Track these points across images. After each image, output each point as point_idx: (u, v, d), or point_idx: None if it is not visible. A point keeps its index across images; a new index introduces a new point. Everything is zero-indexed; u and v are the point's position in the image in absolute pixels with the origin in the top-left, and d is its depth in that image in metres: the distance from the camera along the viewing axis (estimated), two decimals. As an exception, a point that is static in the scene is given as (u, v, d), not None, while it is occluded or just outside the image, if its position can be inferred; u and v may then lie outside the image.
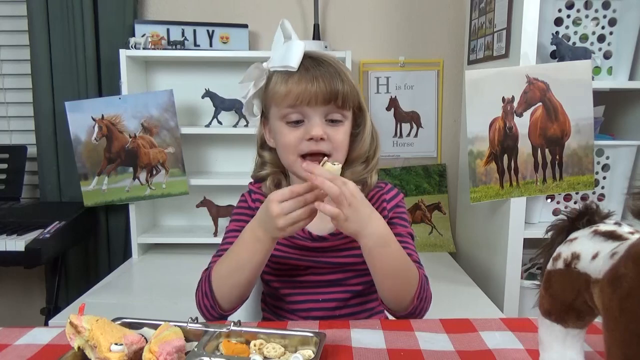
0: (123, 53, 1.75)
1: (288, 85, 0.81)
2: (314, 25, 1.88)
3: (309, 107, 0.81)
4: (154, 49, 1.79)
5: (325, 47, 1.83)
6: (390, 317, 0.86)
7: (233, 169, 2.03)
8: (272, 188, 0.90)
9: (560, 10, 1.56)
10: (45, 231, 1.64)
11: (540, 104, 1.44)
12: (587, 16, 1.56)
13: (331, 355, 0.62)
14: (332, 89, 0.81)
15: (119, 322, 0.66)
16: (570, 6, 1.56)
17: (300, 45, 0.83)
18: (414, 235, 0.95)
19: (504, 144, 1.46)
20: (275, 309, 0.95)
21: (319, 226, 0.88)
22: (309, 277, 0.91)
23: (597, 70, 1.60)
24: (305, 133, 0.82)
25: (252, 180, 0.98)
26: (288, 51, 0.82)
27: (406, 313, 0.81)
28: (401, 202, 0.96)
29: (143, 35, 1.78)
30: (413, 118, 2.06)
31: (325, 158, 0.79)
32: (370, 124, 0.91)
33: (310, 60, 0.83)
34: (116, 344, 0.57)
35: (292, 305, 0.92)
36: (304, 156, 0.83)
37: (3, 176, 1.91)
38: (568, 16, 1.56)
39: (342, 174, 0.78)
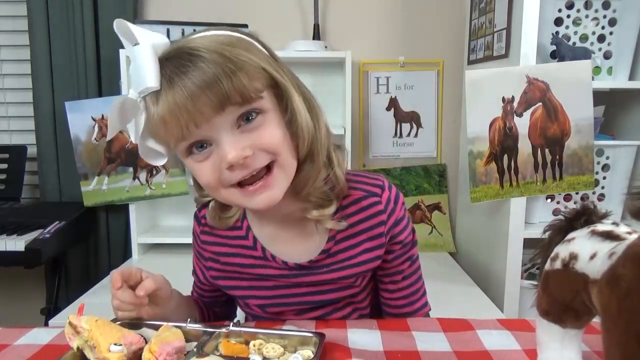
0: (123, 53, 1.75)
1: (159, 111, 0.57)
2: (314, 25, 1.88)
3: (199, 128, 0.58)
4: (154, 49, 1.79)
5: (325, 47, 1.83)
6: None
7: (233, 169, 2.02)
8: (221, 215, 0.75)
9: (560, 10, 1.56)
10: (45, 231, 1.64)
11: (540, 104, 1.44)
12: (587, 16, 1.56)
13: (330, 355, 0.62)
14: (214, 90, 0.56)
15: (119, 322, 0.66)
16: (570, 6, 1.56)
17: (146, 49, 0.57)
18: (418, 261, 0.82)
19: (504, 144, 1.46)
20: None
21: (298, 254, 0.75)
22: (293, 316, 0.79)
23: (597, 70, 1.60)
24: (219, 159, 0.60)
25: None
26: (136, 63, 0.58)
27: None
28: (401, 212, 0.76)
29: (143, 35, 1.78)
30: (413, 118, 2.06)
31: None
32: (299, 100, 0.64)
33: (174, 63, 0.57)
34: (115, 344, 0.57)
35: None
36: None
37: (3, 176, 1.91)
38: (568, 16, 1.56)
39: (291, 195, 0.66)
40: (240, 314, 0.96)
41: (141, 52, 0.57)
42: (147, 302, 0.70)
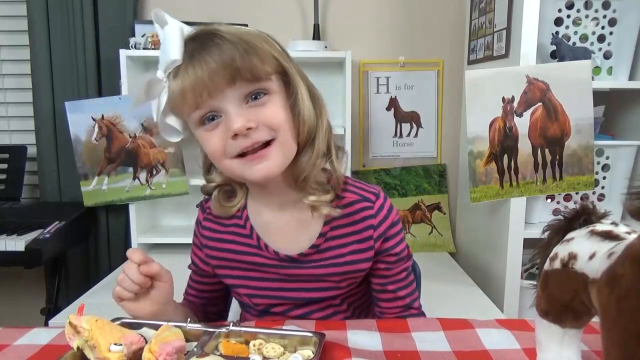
0: (123, 53, 1.75)
1: (178, 83, 0.65)
2: (314, 25, 1.88)
3: (212, 98, 0.65)
4: (154, 49, 1.79)
5: (325, 47, 1.83)
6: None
7: (233, 169, 2.02)
8: (224, 204, 0.79)
9: (560, 10, 1.56)
10: (45, 231, 1.64)
11: (540, 104, 1.43)
12: (587, 16, 1.56)
13: (330, 355, 0.62)
14: (228, 65, 0.64)
15: (119, 322, 0.66)
16: (570, 6, 1.56)
17: (175, 28, 0.67)
18: (413, 270, 0.84)
19: (504, 144, 1.46)
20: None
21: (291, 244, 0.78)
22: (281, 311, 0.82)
23: (597, 70, 1.60)
24: (226, 129, 0.67)
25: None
26: (165, 43, 0.67)
27: None
28: (394, 223, 0.79)
29: (143, 36, 1.78)
30: (413, 118, 2.06)
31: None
32: (304, 90, 0.71)
33: (197, 42, 0.66)
34: (115, 344, 0.57)
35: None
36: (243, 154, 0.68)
37: (3, 176, 1.91)
38: (568, 16, 1.56)
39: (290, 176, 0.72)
40: (235, 314, 0.97)
41: (170, 30, 0.67)
42: (148, 284, 0.73)
